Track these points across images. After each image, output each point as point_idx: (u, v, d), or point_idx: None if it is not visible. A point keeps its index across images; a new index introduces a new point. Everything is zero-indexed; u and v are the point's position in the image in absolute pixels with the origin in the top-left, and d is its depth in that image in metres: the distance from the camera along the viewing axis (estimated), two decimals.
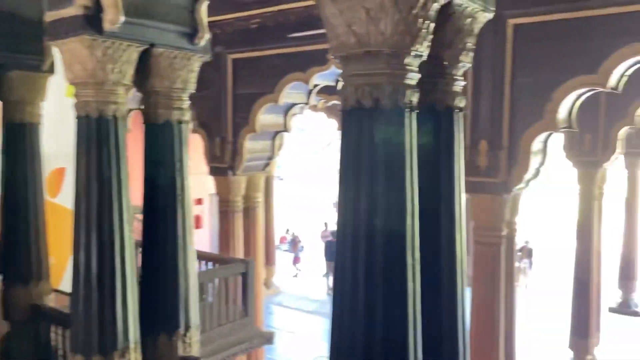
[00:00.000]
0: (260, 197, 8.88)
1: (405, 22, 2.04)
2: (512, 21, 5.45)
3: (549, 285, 15.66)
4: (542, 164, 5.98)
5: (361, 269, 2.07)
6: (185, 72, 4.03)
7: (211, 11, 7.77)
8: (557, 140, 8.47)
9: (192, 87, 4.14)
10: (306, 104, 8.16)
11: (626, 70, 5.25)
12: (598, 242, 9.81)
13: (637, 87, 8.69)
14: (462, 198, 2.58)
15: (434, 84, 2.65)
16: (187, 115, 4.12)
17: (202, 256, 6.61)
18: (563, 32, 5.23)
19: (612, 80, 5.14)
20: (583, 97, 5.60)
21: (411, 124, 2.16)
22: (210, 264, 6.69)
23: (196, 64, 4.14)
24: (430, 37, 2.24)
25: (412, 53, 2.11)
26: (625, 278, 13.37)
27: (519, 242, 16.21)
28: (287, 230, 20.13)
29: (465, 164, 5.87)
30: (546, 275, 16.51)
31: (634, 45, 4.79)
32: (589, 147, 9.37)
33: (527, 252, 16.19)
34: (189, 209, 4.06)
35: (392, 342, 2.16)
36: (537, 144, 5.67)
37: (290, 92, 7.53)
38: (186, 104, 4.13)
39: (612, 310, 13.31)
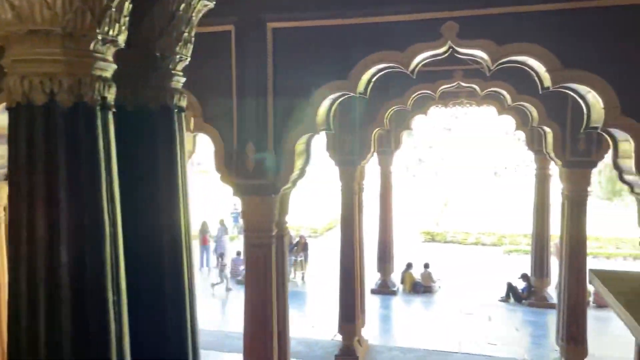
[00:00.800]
0: (1, 213, 7.49)
1: None
2: (271, 25, 5.55)
3: (324, 276, 16.87)
4: (306, 163, 6.25)
5: (42, 320, 1.59)
6: None
7: None
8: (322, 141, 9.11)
9: None
10: None
11: (372, 77, 5.80)
12: (359, 232, 10.84)
13: (384, 93, 9.88)
14: (188, 214, 2.33)
15: (146, 79, 2.26)
16: None
17: None
18: (318, 38, 5.52)
19: (361, 86, 5.62)
20: (339, 101, 6.02)
21: (107, 125, 1.75)
22: None
23: None
24: (126, 19, 1.87)
25: (100, 37, 1.71)
26: (383, 262, 15.15)
27: (295, 237, 17.10)
28: None
29: (234, 167, 5.83)
30: (321, 267, 17.76)
31: (376, 54, 5.29)
32: (348, 148, 10.27)
33: (303, 246, 17.17)
34: None
35: None
36: (300, 145, 5.90)
37: None
38: None
39: (373, 291, 14.96)
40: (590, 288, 10.00)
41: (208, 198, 29.18)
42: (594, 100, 5.09)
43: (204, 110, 5.83)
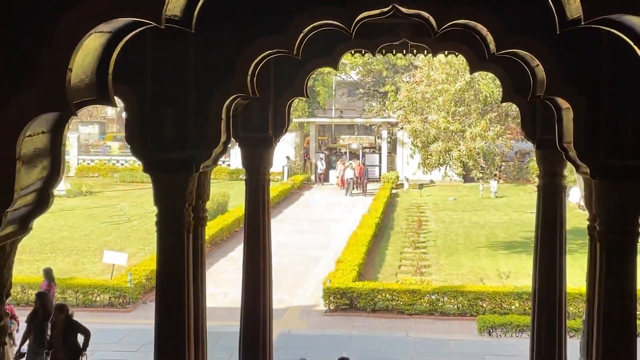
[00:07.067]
0: None
1: None
2: None
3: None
4: (229, 137, 5.34)
5: None
6: None
7: None
8: None
9: None
10: None
11: (305, 35, 4.97)
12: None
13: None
14: None
15: None
16: None
17: None
18: None
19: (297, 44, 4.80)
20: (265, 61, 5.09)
21: None
22: None
23: None
24: None
25: None
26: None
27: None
28: None
29: (148, 137, 4.69)
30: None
31: (319, 8, 4.49)
32: (256, 120, 7.91)
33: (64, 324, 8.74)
34: None
35: None
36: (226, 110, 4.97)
37: None
38: None
39: None
40: None
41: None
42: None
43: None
